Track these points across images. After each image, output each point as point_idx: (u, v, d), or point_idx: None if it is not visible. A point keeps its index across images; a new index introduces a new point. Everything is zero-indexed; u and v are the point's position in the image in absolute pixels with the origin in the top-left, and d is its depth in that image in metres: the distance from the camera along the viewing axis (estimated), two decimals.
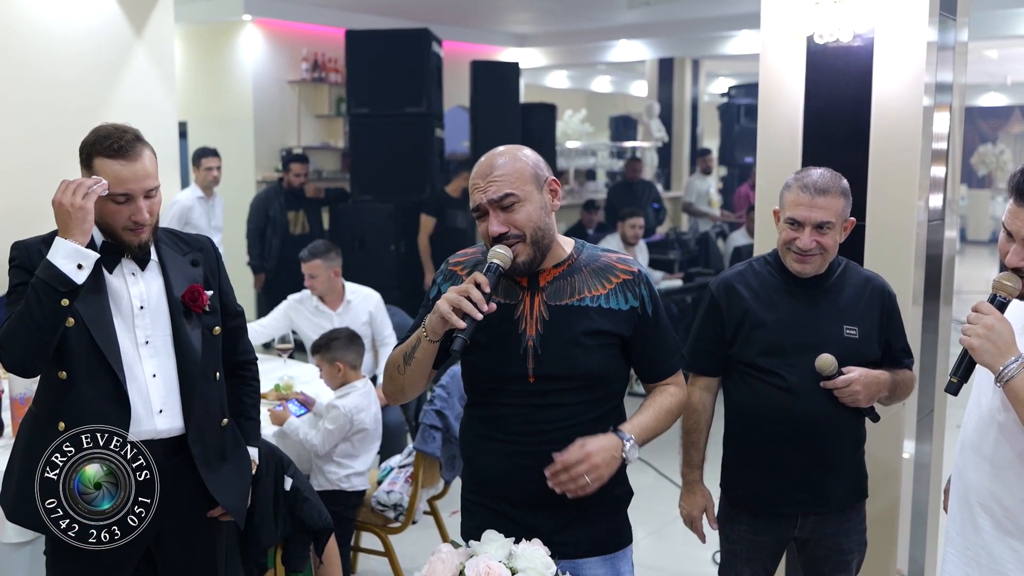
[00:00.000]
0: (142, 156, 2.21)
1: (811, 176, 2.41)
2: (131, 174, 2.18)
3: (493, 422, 2.08)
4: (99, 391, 2.21)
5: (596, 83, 17.13)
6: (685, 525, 2.67)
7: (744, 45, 10.84)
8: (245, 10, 8.40)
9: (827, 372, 2.39)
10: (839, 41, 3.04)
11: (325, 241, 4.81)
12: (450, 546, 1.81)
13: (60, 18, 5.05)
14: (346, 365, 3.58)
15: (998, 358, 1.81)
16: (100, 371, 2.21)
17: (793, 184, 2.43)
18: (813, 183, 2.38)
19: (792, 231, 2.40)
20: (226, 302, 2.48)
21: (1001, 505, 1.92)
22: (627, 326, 2.04)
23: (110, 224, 2.23)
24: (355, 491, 3.54)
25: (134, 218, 2.21)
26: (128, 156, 2.18)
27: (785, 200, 2.44)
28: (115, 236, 2.24)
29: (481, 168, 2.00)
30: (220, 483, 2.36)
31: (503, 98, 8.08)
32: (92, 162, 2.20)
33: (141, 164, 2.20)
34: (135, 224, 2.22)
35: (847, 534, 2.54)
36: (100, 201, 2.18)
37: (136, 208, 2.21)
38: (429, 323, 1.93)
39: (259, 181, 8.65)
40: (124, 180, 2.18)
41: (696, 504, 2.60)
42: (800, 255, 2.40)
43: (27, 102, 4.85)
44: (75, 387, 2.21)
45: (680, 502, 2.65)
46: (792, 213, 2.40)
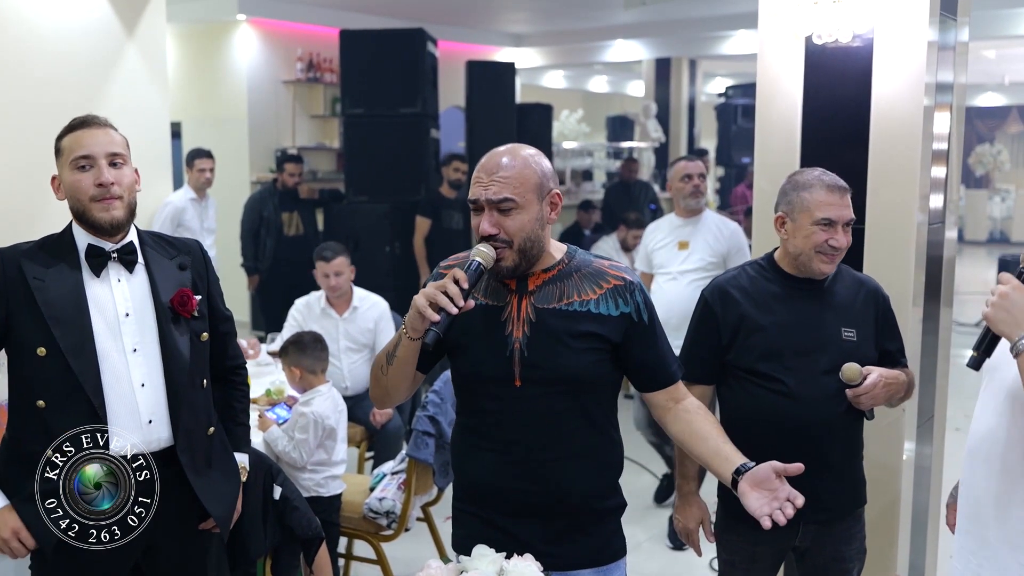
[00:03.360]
0: (106, 128, 2.25)
1: (828, 175, 2.41)
2: (91, 138, 2.21)
3: (481, 429, 2.03)
4: (80, 418, 2.15)
5: (593, 83, 17.11)
6: (680, 538, 2.63)
7: (741, 45, 10.82)
8: (239, 9, 8.38)
9: (855, 381, 2.35)
10: (838, 41, 3.00)
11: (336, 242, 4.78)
12: (439, 561, 1.77)
13: (50, 17, 5.00)
14: (302, 370, 3.53)
15: (1014, 328, 1.74)
16: (80, 397, 2.16)
17: (816, 184, 2.39)
18: (836, 182, 2.40)
19: (824, 232, 2.37)
20: (215, 306, 2.43)
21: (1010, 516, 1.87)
22: (617, 332, 1.99)
23: (80, 200, 2.20)
24: (334, 495, 3.49)
25: (98, 181, 2.18)
26: (90, 126, 2.23)
27: (810, 202, 2.38)
28: (87, 216, 2.20)
29: (489, 163, 1.95)
30: (208, 491, 2.31)
31: (499, 98, 8.04)
32: (60, 144, 2.24)
33: (104, 132, 2.24)
34: (102, 190, 2.18)
35: (848, 542, 2.51)
36: (67, 177, 2.21)
37: (99, 171, 2.19)
38: (408, 319, 1.90)
39: (253, 182, 8.61)
40: (84, 144, 2.20)
41: (692, 516, 2.55)
42: (831, 255, 2.39)
43: (17, 102, 4.80)
44: (54, 415, 2.16)
45: (675, 514, 2.60)
46: (826, 213, 2.37)
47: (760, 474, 1.89)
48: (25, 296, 2.15)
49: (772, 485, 1.87)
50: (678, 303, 4.12)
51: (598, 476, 2.03)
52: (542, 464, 1.97)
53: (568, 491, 1.99)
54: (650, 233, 4.58)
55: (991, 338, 1.84)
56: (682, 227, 4.39)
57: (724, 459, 1.98)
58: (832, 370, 2.38)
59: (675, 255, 4.34)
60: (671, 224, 4.47)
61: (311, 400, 3.44)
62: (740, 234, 4.40)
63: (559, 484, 1.98)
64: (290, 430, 3.38)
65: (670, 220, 4.51)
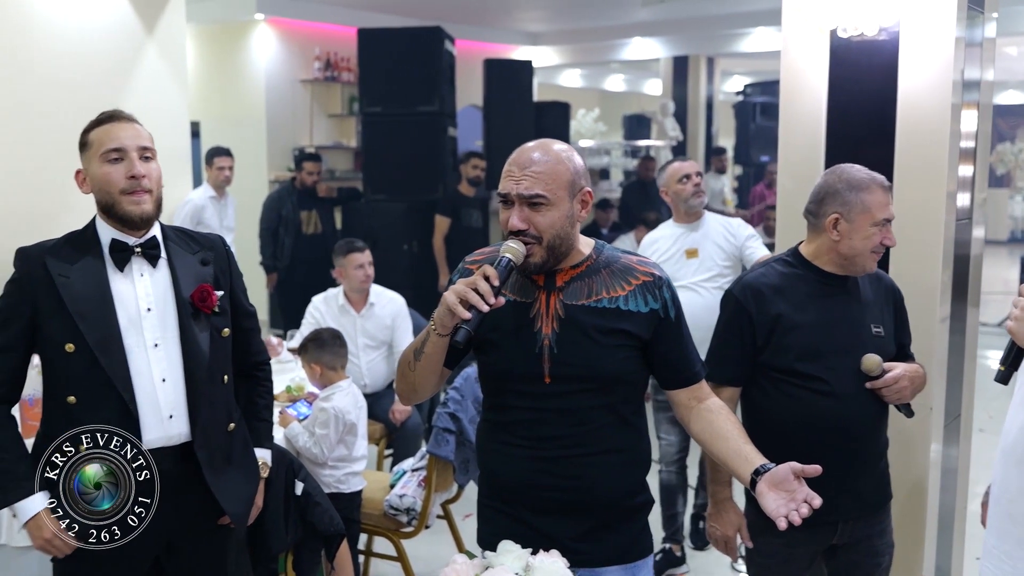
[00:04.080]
0: (134, 122, 2.26)
1: (877, 174, 2.40)
2: (122, 131, 2.22)
3: (508, 426, 2.02)
4: (110, 411, 2.16)
5: (609, 82, 17.07)
6: (715, 547, 2.54)
7: (760, 42, 10.76)
8: (257, 9, 8.39)
9: (875, 372, 2.35)
10: (863, 35, 2.97)
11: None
12: (465, 557, 1.75)
13: (71, 17, 5.02)
14: (322, 366, 3.53)
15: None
16: (110, 393, 2.16)
17: (873, 185, 2.37)
18: (886, 181, 2.40)
19: (882, 232, 2.36)
20: (238, 302, 2.42)
21: None
22: (647, 328, 1.98)
23: (110, 193, 2.20)
24: (354, 491, 3.49)
25: (130, 173, 2.19)
26: (119, 120, 2.24)
27: (871, 203, 2.35)
28: (116, 209, 2.20)
29: (521, 157, 1.93)
30: (225, 489, 2.31)
31: (516, 97, 8.03)
32: (87, 138, 2.24)
33: (133, 126, 2.25)
34: (133, 183, 2.19)
35: (880, 535, 2.50)
36: (96, 170, 2.20)
37: (130, 164, 2.19)
38: (437, 316, 1.88)
39: (272, 181, 8.63)
40: (115, 136, 2.20)
41: (730, 523, 2.47)
42: (880, 253, 2.39)
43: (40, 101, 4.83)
44: (86, 411, 2.17)
45: (710, 522, 2.52)
46: (885, 214, 2.37)
47: (779, 475, 1.87)
48: (51, 293, 2.16)
49: (790, 486, 1.85)
50: (704, 314, 3.48)
51: (626, 473, 2.02)
52: (570, 461, 1.95)
53: (596, 488, 1.97)
54: (649, 246, 4.09)
55: (1017, 351, 1.84)
56: (685, 234, 3.99)
57: (744, 459, 1.95)
58: None
59: (684, 265, 3.92)
60: (672, 233, 4.02)
61: (331, 396, 3.44)
62: (745, 225, 4.11)
63: (587, 481, 1.96)
64: (311, 426, 3.38)
65: (670, 229, 4.06)
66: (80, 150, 2.26)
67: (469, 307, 1.79)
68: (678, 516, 4.06)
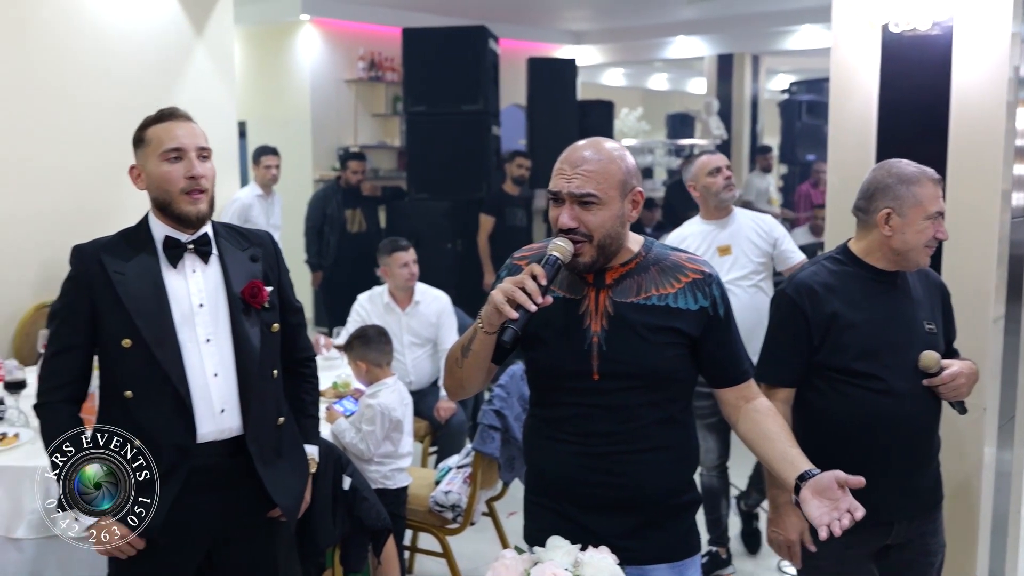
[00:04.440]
0: (191, 121, 2.28)
1: (927, 168, 2.37)
2: (181, 130, 2.24)
3: (556, 422, 2.01)
4: (166, 405, 2.20)
5: (652, 81, 16.98)
6: (777, 552, 2.50)
7: (806, 40, 10.63)
8: (303, 10, 8.47)
9: (933, 369, 2.32)
10: (916, 30, 2.93)
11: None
12: (514, 552, 1.76)
13: (124, 19, 5.11)
14: (368, 363, 3.55)
15: None
16: (166, 386, 2.20)
17: (923, 178, 2.34)
18: (936, 174, 2.36)
19: (934, 225, 2.34)
20: (285, 298, 2.45)
21: None
22: (696, 326, 1.96)
23: (168, 192, 2.22)
24: (400, 487, 3.51)
25: (189, 174, 2.22)
26: (177, 118, 2.26)
27: (923, 197, 2.32)
28: (173, 208, 2.23)
29: (573, 155, 1.93)
30: (276, 481, 2.33)
31: (560, 96, 8.02)
32: (144, 134, 2.26)
33: (191, 125, 2.27)
34: (192, 183, 2.22)
35: (934, 534, 2.47)
36: (155, 169, 2.22)
37: (190, 163, 2.22)
38: (484, 314, 1.88)
39: (316, 180, 8.71)
40: (175, 136, 2.22)
41: (792, 527, 2.41)
42: (933, 247, 2.36)
43: (94, 101, 4.91)
44: (142, 405, 2.21)
45: (771, 527, 2.47)
46: (938, 207, 2.34)
47: (823, 482, 1.84)
48: (108, 290, 2.20)
49: (834, 495, 1.82)
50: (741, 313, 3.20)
51: (674, 471, 2.01)
52: (618, 458, 1.95)
53: (643, 485, 1.96)
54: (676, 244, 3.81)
55: None
56: (716, 231, 3.82)
57: (789, 463, 1.92)
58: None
59: (717, 263, 3.70)
60: (701, 230, 3.85)
61: (378, 392, 3.46)
62: (777, 223, 3.95)
63: (635, 478, 1.95)
64: (357, 422, 3.41)
65: (698, 226, 3.88)
66: (135, 146, 2.28)
67: (516, 306, 1.79)
68: (722, 519, 4.03)
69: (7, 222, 4.54)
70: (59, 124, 4.78)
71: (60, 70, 4.80)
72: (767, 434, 1.99)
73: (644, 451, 1.96)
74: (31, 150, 4.64)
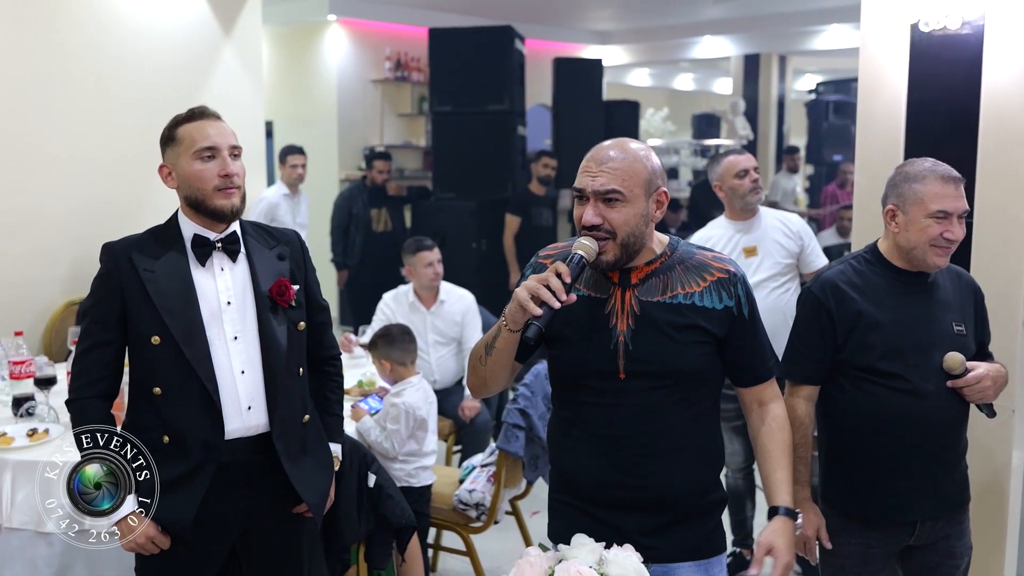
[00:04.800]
0: (221, 120, 2.30)
1: (940, 165, 2.33)
2: (214, 129, 2.25)
3: (581, 421, 2.01)
4: (194, 402, 2.22)
5: (678, 81, 16.93)
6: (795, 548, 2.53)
7: (834, 40, 10.57)
8: (330, 10, 8.51)
9: (957, 371, 2.30)
10: (946, 29, 2.90)
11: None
12: (539, 549, 1.76)
13: (154, 18, 5.16)
14: (392, 362, 3.57)
15: None
16: (194, 383, 2.22)
17: (928, 175, 2.32)
18: (950, 173, 2.32)
19: (940, 224, 2.30)
20: (312, 296, 2.46)
21: None
22: (722, 325, 1.96)
23: (201, 190, 2.24)
24: (424, 486, 3.52)
25: (223, 172, 2.23)
26: (208, 117, 2.28)
27: (923, 194, 2.31)
28: (206, 204, 2.25)
29: (599, 153, 1.94)
30: (302, 478, 2.35)
31: (586, 95, 8.02)
32: (175, 133, 2.27)
33: (222, 124, 2.28)
34: (226, 180, 2.24)
35: (959, 537, 2.45)
36: (187, 167, 2.23)
37: (223, 162, 2.24)
38: (509, 311, 1.89)
39: (342, 179, 8.75)
40: (208, 135, 2.24)
41: (810, 523, 2.44)
42: (946, 248, 2.32)
43: (121, 101, 4.96)
44: (170, 401, 2.23)
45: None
46: (941, 205, 2.30)
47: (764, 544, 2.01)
48: (138, 287, 2.22)
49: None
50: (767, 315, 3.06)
51: (700, 470, 2.01)
52: (644, 457, 1.95)
53: (669, 484, 1.96)
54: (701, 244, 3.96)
55: None
56: (741, 232, 3.77)
57: (772, 488, 2.05)
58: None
59: (744, 265, 3.61)
60: (726, 231, 3.81)
61: (402, 391, 3.48)
62: (804, 224, 3.89)
63: (660, 477, 1.95)
64: (382, 420, 3.42)
65: (722, 226, 3.84)
66: (164, 144, 2.30)
67: (540, 303, 1.80)
68: (747, 521, 4.01)
69: (37, 220, 4.60)
70: (88, 123, 4.84)
71: (90, 69, 4.85)
72: (762, 449, 2.08)
73: (670, 450, 1.96)
74: (60, 149, 4.70)
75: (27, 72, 4.55)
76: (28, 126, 4.57)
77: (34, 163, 4.61)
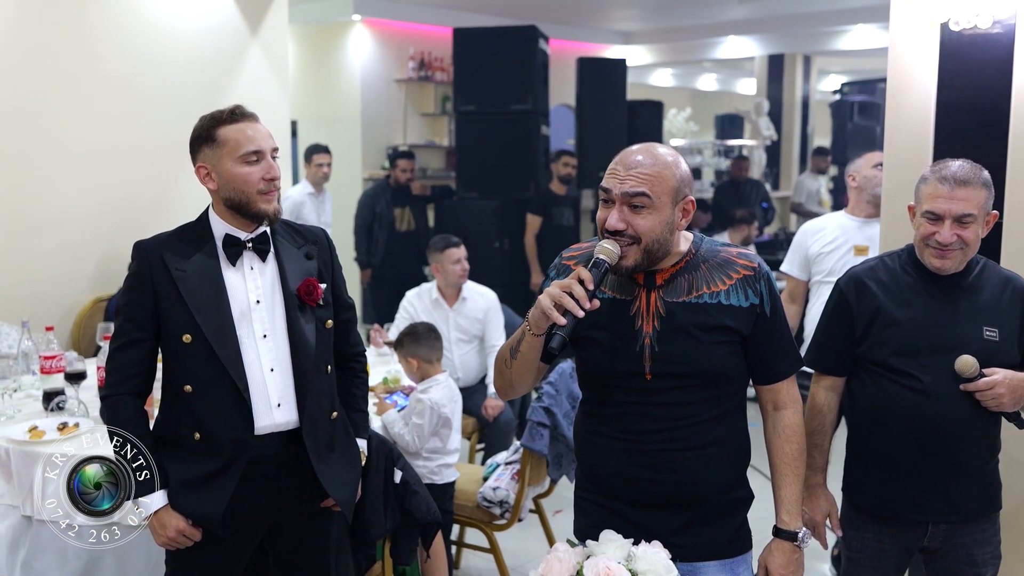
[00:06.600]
0: (260, 121, 2.31)
1: (949, 168, 2.30)
2: (256, 132, 2.26)
3: (608, 419, 2.02)
4: (225, 399, 2.25)
5: (701, 81, 16.86)
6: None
7: (859, 40, 10.49)
8: (355, 10, 8.54)
9: (967, 374, 2.27)
10: (976, 28, 2.88)
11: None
12: (567, 545, 1.77)
13: (181, 18, 5.20)
14: (419, 360, 3.58)
15: None
16: (225, 380, 2.24)
17: (930, 176, 2.31)
18: (952, 174, 2.27)
19: (931, 225, 2.29)
20: (338, 294, 2.48)
21: None
22: (747, 324, 1.97)
23: (245, 193, 2.25)
24: (447, 483, 3.53)
25: (267, 176, 2.25)
26: (250, 119, 2.28)
27: (922, 193, 2.32)
28: (250, 207, 2.26)
29: (628, 157, 1.93)
30: (330, 475, 2.37)
31: (609, 95, 8.01)
32: (216, 134, 2.25)
33: (261, 126, 2.29)
34: (269, 183, 2.26)
35: (981, 545, 2.41)
36: (231, 169, 2.23)
37: (268, 165, 2.25)
38: (532, 317, 1.88)
39: (366, 179, 8.78)
40: (253, 138, 2.25)
41: (819, 508, 2.48)
42: (940, 250, 2.29)
43: (149, 99, 5.01)
44: (201, 399, 2.25)
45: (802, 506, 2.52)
46: (931, 206, 2.28)
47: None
48: (169, 285, 2.24)
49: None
50: None
51: (727, 468, 2.01)
52: (671, 455, 1.95)
53: (695, 482, 1.97)
54: (810, 234, 3.83)
55: None
56: (860, 228, 3.72)
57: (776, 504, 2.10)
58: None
59: (850, 261, 3.54)
60: (842, 225, 3.76)
61: (429, 388, 3.50)
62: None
63: (687, 475, 1.96)
64: (407, 415, 3.44)
65: (839, 221, 3.80)
66: (202, 144, 2.27)
67: (564, 311, 1.79)
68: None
69: (66, 218, 4.65)
70: (117, 122, 4.88)
71: (118, 68, 4.90)
72: (771, 461, 2.10)
73: (696, 448, 1.96)
74: (89, 147, 4.75)
75: (57, 73, 4.59)
76: (58, 126, 4.62)
77: (63, 162, 4.65)
